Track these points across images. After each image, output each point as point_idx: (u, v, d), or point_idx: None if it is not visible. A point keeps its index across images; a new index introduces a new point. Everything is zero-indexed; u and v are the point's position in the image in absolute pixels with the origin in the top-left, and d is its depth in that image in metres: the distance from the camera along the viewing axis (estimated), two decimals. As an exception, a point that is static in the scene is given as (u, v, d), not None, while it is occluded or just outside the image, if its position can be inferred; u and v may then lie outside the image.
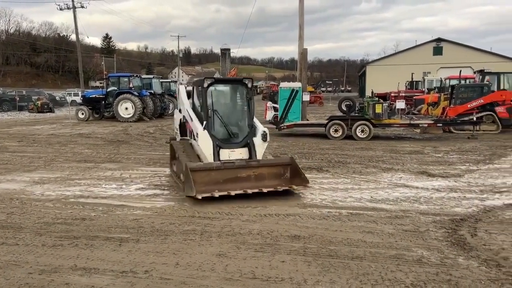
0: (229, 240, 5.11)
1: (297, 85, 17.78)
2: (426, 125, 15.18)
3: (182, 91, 8.85)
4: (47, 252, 4.81)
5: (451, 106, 16.92)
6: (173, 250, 4.81)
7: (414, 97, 25.43)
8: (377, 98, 17.31)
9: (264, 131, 7.78)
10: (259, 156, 7.69)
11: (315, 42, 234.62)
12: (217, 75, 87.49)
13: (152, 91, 24.81)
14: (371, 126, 14.67)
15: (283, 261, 4.48)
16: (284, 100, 17.23)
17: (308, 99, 21.27)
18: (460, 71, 20.45)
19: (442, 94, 20.15)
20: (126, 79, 23.62)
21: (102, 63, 76.57)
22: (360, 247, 4.83)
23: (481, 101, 16.43)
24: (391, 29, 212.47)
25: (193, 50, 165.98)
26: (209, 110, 7.60)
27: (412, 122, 15.47)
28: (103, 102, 23.68)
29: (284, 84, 18.53)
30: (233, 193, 6.73)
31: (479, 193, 7.28)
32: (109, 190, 7.75)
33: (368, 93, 29.40)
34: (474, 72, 21.25)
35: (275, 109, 18.94)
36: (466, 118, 15.88)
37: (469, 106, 16.42)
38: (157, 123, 21.88)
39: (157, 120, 23.94)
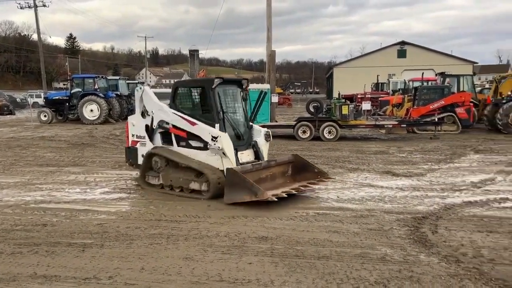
0: (196, 243, 5.06)
1: (265, 86, 17.85)
2: (391, 126, 15.58)
3: (151, 93, 8.14)
4: (5, 260, 4.62)
5: (415, 107, 17.46)
6: (138, 255, 4.72)
7: (379, 99, 26.08)
8: (343, 100, 17.56)
9: (267, 131, 7.74)
10: (265, 156, 7.62)
11: (284, 44, 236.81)
12: (185, 77, 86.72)
13: (119, 93, 24.35)
14: (338, 127, 14.91)
15: (250, 262, 4.49)
16: (253, 101, 17.21)
17: (277, 101, 21.39)
18: (423, 73, 21.10)
19: (406, 95, 20.73)
20: (91, 80, 23.07)
21: (66, 63, 74.43)
22: (326, 247, 4.90)
23: (442, 102, 17.04)
24: (358, 32, 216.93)
25: (161, 51, 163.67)
26: (219, 112, 7.19)
27: (377, 123, 15.85)
28: (67, 104, 22.97)
29: (252, 86, 18.52)
30: (294, 191, 6.76)
31: (440, 191, 7.53)
32: (73, 194, 7.53)
33: (335, 94, 29.89)
34: (436, 75, 22.00)
35: (244, 111, 18.95)
36: (428, 119, 16.41)
37: (431, 107, 16.98)
38: (123, 125, 21.41)
39: (123, 122, 23.40)
